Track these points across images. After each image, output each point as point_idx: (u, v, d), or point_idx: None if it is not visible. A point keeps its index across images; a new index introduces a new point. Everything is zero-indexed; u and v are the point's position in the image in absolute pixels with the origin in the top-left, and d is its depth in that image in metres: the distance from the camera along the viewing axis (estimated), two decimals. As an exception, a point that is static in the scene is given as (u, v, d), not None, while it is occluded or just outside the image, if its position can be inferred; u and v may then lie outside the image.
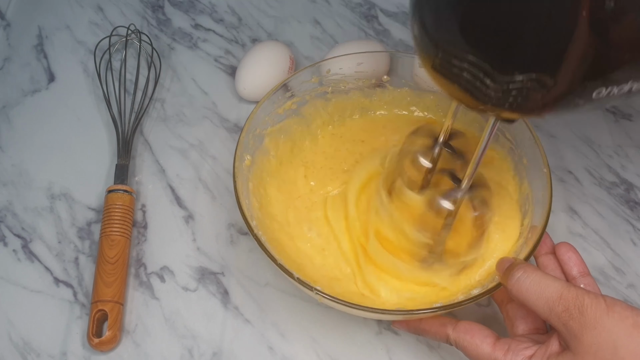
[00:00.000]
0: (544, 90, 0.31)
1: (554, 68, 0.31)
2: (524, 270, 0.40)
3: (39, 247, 0.55)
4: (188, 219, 0.56)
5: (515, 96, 0.32)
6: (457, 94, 0.36)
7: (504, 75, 0.32)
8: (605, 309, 0.36)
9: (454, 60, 0.33)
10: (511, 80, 0.32)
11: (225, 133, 0.62)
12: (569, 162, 0.60)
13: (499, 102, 0.34)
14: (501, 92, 0.32)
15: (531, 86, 0.31)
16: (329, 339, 0.50)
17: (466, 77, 0.33)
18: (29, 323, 0.51)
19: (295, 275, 0.43)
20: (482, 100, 0.34)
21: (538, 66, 0.31)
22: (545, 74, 0.31)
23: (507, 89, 0.32)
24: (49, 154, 0.60)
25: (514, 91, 0.32)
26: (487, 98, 0.33)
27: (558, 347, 0.39)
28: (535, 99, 0.32)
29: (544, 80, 0.31)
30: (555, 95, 0.32)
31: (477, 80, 0.33)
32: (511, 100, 0.33)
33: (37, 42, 0.69)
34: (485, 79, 0.32)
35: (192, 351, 0.49)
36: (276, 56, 0.62)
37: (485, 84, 0.32)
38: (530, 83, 0.31)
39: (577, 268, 0.46)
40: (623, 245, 0.55)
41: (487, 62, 0.32)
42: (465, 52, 0.32)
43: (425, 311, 0.43)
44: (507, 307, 0.46)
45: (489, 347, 0.42)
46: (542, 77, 0.31)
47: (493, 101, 0.34)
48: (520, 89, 0.32)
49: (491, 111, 0.36)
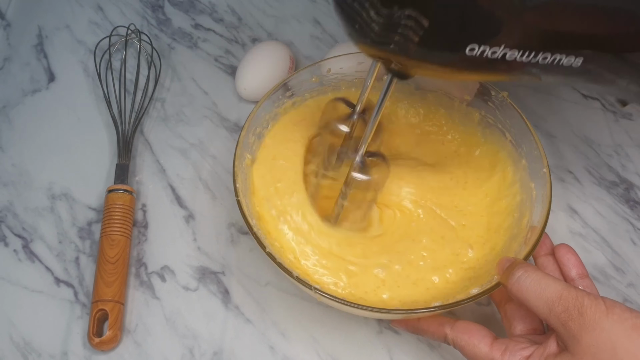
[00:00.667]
0: (419, 30, 0.34)
1: (429, 9, 0.33)
2: (524, 270, 0.40)
3: (40, 247, 0.55)
4: (188, 218, 0.56)
5: (394, 35, 0.35)
6: (348, 30, 0.37)
7: (385, 8, 0.34)
8: (605, 311, 0.37)
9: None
10: (391, 14, 0.34)
11: (226, 133, 0.62)
12: (569, 162, 0.60)
13: (380, 40, 0.36)
14: (383, 28, 0.35)
15: (408, 25, 0.34)
16: (329, 338, 0.50)
17: (356, 7, 0.35)
18: (29, 323, 0.51)
19: (294, 274, 0.43)
20: (367, 37, 0.36)
21: (415, 4, 0.33)
22: (420, 13, 0.33)
23: (387, 24, 0.34)
24: (49, 154, 0.60)
25: (394, 28, 0.34)
26: (372, 34, 0.36)
27: (556, 347, 0.39)
28: (412, 41, 0.34)
29: (420, 20, 0.33)
30: (430, 38, 0.34)
31: (363, 11, 0.35)
32: (393, 38, 0.35)
33: (37, 42, 0.69)
34: (370, 10, 0.34)
35: (193, 351, 0.50)
36: (276, 56, 0.62)
37: (370, 17, 0.35)
38: (408, 21, 0.33)
39: (575, 270, 0.46)
40: (623, 244, 0.55)
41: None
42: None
43: (424, 310, 0.43)
44: (505, 307, 0.46)
45: (487, 347, 0.42)
46: (418, 16, 0.33)
47: (376, 38, 0.36)
48: (399, 25, 0.34)
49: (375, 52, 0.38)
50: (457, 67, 0.37)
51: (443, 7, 0.33)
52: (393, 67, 0.40)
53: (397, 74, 0.41)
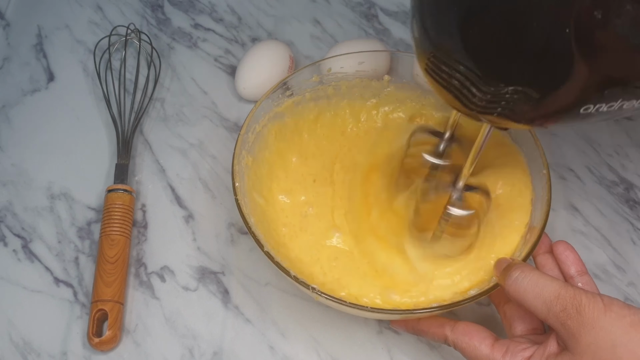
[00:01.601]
0: (529, 103, 0.32)
1: (538, 83, 0.31)
2: (521, 270, 0.40)
3: (39, 247, 0.55)
4: (188, 218, 0.56)
5: (502, 107, 0.33)
6: (447, 98, 0.36)
7: (490, 87, 0.32)
8: (603, 308, 0.36)
9: (444, 66, 0.34)
10: (497, 91, 0.32)
11: (225, 132, 0.62)
12: (570, 160, 0.60)
13: (485, 111, 0.34)
14: (486, 101, 0.33)
15: (517, 98, 0.32)
16: (329, 338, 0.50)
17: (455, 83, 0.34)
18: (29, 323, 0.51)
19: (291, 274, 0.43)
20: (469, 107, 0.35)
21: (522, 80, 0.31)
22: (529, 88, 0.31)
23: (492, 99, 0.33)
24: (49, 154, 0.60)
25: (501, 102, 0.33)
26: (473, 105, 0.34)
27: (556, 347, 0.39)
28: (521, 111, 0.33)
29: (529, 93, 0.31)
30: (541, 108, 0.32)
31: (464, 88, 0.33)
32: (499, 110, 0.33)
33: (37, 42, 0.69)
34: (471, 87, 0.33)
35: (193, 351, 0.49)
36: (276, 55, 0.62)
37: (471, 92, 0.33)
38: (516, 95, 0.32)
39: (574, 267, 0.46)
40: (623, 243, 0.55)
41: (474, 72, 0.32)
42: (455, 60, 0.33)
43: (423, 311, 0.43)
44: (504, 307, 0.46)
45: (488, 349, 0.42)
46: (527, 90, 0.31)
47: (479, 109, 0.34)
48: (506, 100, 0.32)
49: (481, 117, 0.37)
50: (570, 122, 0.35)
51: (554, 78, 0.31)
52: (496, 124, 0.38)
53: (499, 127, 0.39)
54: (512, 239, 0.48)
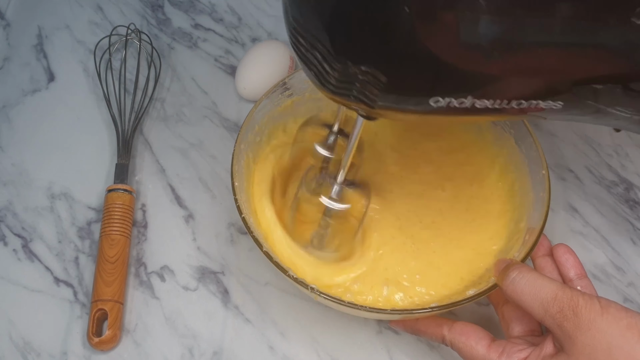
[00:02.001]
0: (378, 86, 0.32)
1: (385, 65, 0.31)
2: (519, 271, 0.40)
3: (39, 246, 0.55)
4: (188, 218, 0.56)
5: (356, 89, 0.33)
6: (308, 76, 0.36)
7: (338, 64, 0.32)
8: (600, 310, 0.36)
9: (301, 39, 0.33)
10: (345, 70, 0.32)
11: (225, 132, 0.62)
12: (570, 161, 0.60)
13: (340, 92, 0.34)
14: (339, 81, 0.33)
15: (367, 80, 0.32)
16: (329, 338, 0.50)
17: (312, 59, 0.33)
18: (29, 323, 0.51)
19: (289, 273, 0.43)
20: (327, 87, 0.34)
21: (369, 60, 0.31)
22: (376, 70, 0.31)
23: (345, 80, 0.33)
24: (49, 154, 0.60)
25: (354, 83, 0.32)
26: (330, 85, 0.34)
27: (552, 348, 0.39)
28: (373, 95, 0.33)
29: (377, 76, 0.31)
30: (390, 94, 0.32)
31: (319, 64, 0.33)
32: (353, 92, 0.33)
33: (37, 42, 0.69)
34: (324, 64, 0.33)
35: (193, 350, 0.49)
36: (276, 55, 0.62)
37: (325, 70, 0.33)
38: (365, 77, 0.32)
39: (574, 270, 0.46)
40: (623, 244, 0.55)
41: (325, 47, 0.32)
42: (309, 34, 0.33)
43: (421, 311, 0.43)
44: (502, 308, 0.46)
45: (484, 349, 0.42)
46: (374, 72, 0.31)
47: (334, 89, 0.34)
48: (359, 82, 0.32)
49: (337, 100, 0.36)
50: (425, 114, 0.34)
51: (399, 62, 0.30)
52: (359, 111, 0.38)
53: (365, 116, 0.38)
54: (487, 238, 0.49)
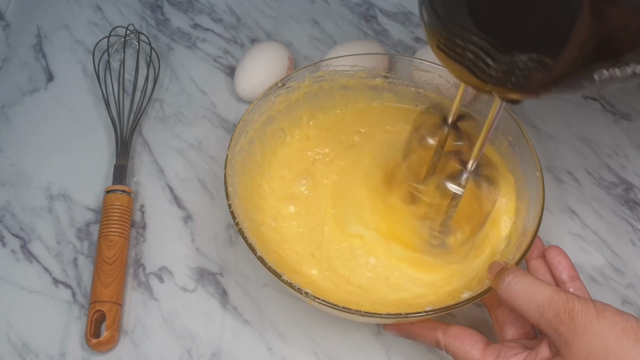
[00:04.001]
0: (544, 71, 0.31)
1: (554, 49, 0.31)
2: (514, 275, 0.40)
3: (38, 247, 0.55)
4: (187, 219, 0.56)
5: (517, 76, 0.33)
6: (461, 74, 0.36)
7: (505, 55, 0.32)
8: (595, 314, 0.36)
9: (457, 40, 0.34)
10: (512, 60, 0.32)
11: (224, 133, 0.62)
12: (568, 163, 0.60)
13: (501, 82, 0.34)
14: (502, 72, 0.33)
15: (532, 66, 0.32)
16: (328, 339, 0.50)
17: (469, 56, 0.33)
18: (27, 324, 0.51)
19: (284, 278, 0.43)
20: (485, 80, 0.34)
21: (538, 47, 0.31)
22: (545, 55, 0.31)
23: (508, 69, 0.33)
24: (48, 154, 0.60)
25: (516, 71, 0.32)
26: (489, 78, 0.34)
27: (548, 352, 0.39)
28: (536, 79, 0.33)
29: (545, 60, 0.31)
30: (556, 75, 0.32)
31: (479, 60, 0.33)
32: (513, 80, 0.33)
33: (36, 42, 0.69)
34: (486, 58, 0.33)
35: (191, 352, 0.49)
36: (275, 56, 0.62)
37: (487, 64, 0.33)
38: (531, 63, 0.31)
39: (566, 272, 0.46)
40: (622, 245, 0.55)
41: (489, 41, 0.32)
42: (468, 32, 0.33)
43: (416, 315, 0.42)
44: (496, 311, 0.46)
45: (479, 353, 0.42)
46: (543, 57, 0.31)
47: (495, 81, 0.34)
48: (522, 69, 0.32)
49: (495, 91, 0.36)
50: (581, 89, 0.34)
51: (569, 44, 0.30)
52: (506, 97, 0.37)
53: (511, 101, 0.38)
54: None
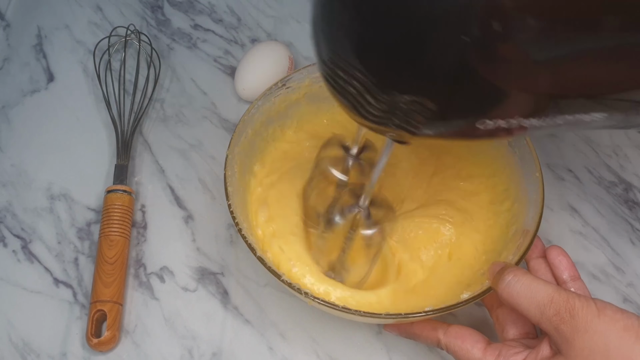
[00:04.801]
0: (426, 114, 0.30)
1: (436, 93, 0.30)
2: (514, 274, 0.40)
3: (39, 247, 0.55)
4: (188, 219, 0.56)
5: (398, 117, 0.32)
6: (345, 106, 0.34)
7: (385, 95, 0.31)
8: (596, 312, 0.36)
9: (339, 71, 0.32)
10: (392, 100, 0.31)
11: (225, 133, 0.62)
12: (569, 161, 0.60)
13: (382, 121, 0.33)
14: (383, 111, 0.32)
15: (414, 108, 0.30)
16: (328, 339, 0.50)
17: (351, 91, 0.32)
18: (28, 324, 0.51)
19: (283, 278, 0.43)
20: (367, 118, 0.33)
21: (419, 89, 0.30)
22: (426, 99, 0.30)
23: (389, 109, 0.31)
24: (49, 154, 0.60)
25: (397, 112, 0.31)
26: (371, 115, 0.33)
27: (549, 351, 0.39)
28: (418, 121, 0.31)
29: (425, 104, 0.30)
30: (438, 120, 0.31)
31: (360, 96, 0.32)
32: (395, 121, 0.32)
33: (37, 42, 0.69)
34: (367, 95, 0.31)
35: (192, 351, 0.49)
36: (275, 56, 0.62)
37: (367, 101, 0.32)
38: (413, 105, 0.30)
39: (567, 272, 0.46)
40: (622, 244, 0.55)
41: (369, 79, 0.30)
42: (349, 65, 0.31)
43: (416, 315, 0.42)
44: (496, 311, 0.46)
45: (480, 353, 0.42)
46: (424, 100, 0.30)
47: (377, 120, 0.33)
48: (404, 110, 0.31)
49: (378, 130, 0.35)
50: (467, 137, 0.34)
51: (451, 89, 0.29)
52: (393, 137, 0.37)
53: (398, 141, 0.38)
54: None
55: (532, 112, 0.31)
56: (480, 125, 0.31)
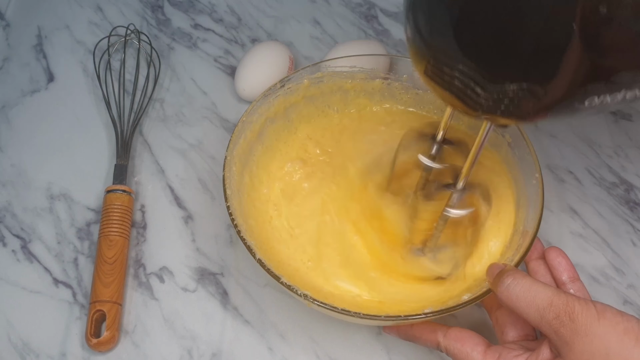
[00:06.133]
0: (535, 99, 0.31)
1: (545, 79, 0.31)
2: (513, 277, 0.40)
3: (38, 247, 0.55)
4: (187, 219, 0.56)
5: (506, 104, 0.32)
6: (449, 100, 0.35)
7: (494, 85, 0.32)
8: (596, 315, 0.36)
9: (445, 68, 0.33)
10: (501, 89, 0.32)
11: (225, 133, 0.62)
12: (570, 162, 0.59)
13: (490, 109, 0.34)
14: (491, 100, 0.33)
15: (522, 95, 0.31)
16: (328, 339, 0.50)
17: (457, 84, 0.33)
18: (28, 324, 0.51)
19: (282, 280, 0.43)
20: (473, 108, 0.34)
21: (528, 77, 0.31)
22: (535, 85, 0.31)
23: (497, 98, 0.32)
24: (48, 154, 0.60)
25: (505, 100, 0.32)
26: (478, 105, 0.34)
27: (549, 354, 0.39)
28: (526, 107, 0.32)
29: (535, 89, 0.31)
30: (546, 103, 0.32)
31: (468, 88, 0.33)
32: (502, 108, 0.33)
33: (37, 42, 0.69)
34: (475, 87, 0.32)
35: (192, 352, 0.49)
36: (276, 56, 0.62)
37: (476, 92, 0.33)
38: (521, 92, 0.31)
39: (567, 273, 0.46)
40: (623, 245, 0.55)
41: (477, 70, 0.32)
42: (456, 61, 0.32)
43: (415, 317, 0.42)
44: (496, 313, 0.46)
45: (480, 355, 0.41)
46: (533, 87, 0.31)
47: (484, 108, 0.34)
48: (511, 97, 0.32)
49: (484, 117, 0.36)
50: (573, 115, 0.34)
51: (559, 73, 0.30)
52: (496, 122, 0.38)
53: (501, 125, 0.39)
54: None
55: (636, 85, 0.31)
56: (587, 103, 0.32)
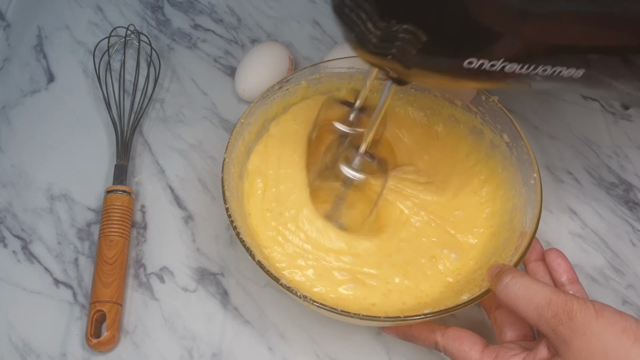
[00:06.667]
0: (417, 44, 0.33)
1: (428, 24, 0.32)
2: (512, 276, 0.40)
3: (39, 248, 0.55)
4: (187, 219, 0.56)
5: (392, 46, 0.34)
6: (350, 41, 0.37)
7: (383, 22, 0.33)
8: (594, 314, 0.36)
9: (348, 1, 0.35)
10: (389, 27, 0.33)
11: (225, 133, 0.62)
12: (569, 163, 0.60)
13: (380, 51, 0.35)
14: (382, 40, 0.34)
15: (407, 38, 0.33)
16: (328, 339, 0.50)
17: (355, 20, 0.35)
18: (28, 324, 0.51)
19: (282, 282, 0.43)
20: (367, 48, 0.36)
21: (413, 19, 0.32)
22: (418, 28, 0.33)
23: (386, 38, 0.34)
24: (49, 155, 0.60)
25: (394, 42, 0.34)
26: (370, 45, 0.35)
27: (547, 353, 0.39)
28: (410, 53, 0.34)
29: (418, 34, 0.33)
30: (428, 51, 0.34)
31: (363, 25, 0.34)
32: (392, 51, 0.35)
33: (37, 43, 0.69)
34: (368, 23, 0.34)
35: (192, 352, 0.49)
36: (275, 57, 0.62)
37: (369, 30, 0.34)
38: (406, 35, 0.33)
39: (566, 275, 0.46)
40: (622, 245, 0.55)
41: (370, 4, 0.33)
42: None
43: (414, 318, 0.42)
44: (495, 313, 0.46)
45: (478, 354, 0.42)
46: (416, 30, 0.33)
47: (375, 49, 0.35)
48: (398, 40, 0.34)
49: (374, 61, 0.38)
50: (455, 77, 0.37)
51: (441, 21, 0.33)
52: (391, 75, 0.40)
53: (396, 80, 0.41)
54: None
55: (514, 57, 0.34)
56: (466, 64, 0.34)
